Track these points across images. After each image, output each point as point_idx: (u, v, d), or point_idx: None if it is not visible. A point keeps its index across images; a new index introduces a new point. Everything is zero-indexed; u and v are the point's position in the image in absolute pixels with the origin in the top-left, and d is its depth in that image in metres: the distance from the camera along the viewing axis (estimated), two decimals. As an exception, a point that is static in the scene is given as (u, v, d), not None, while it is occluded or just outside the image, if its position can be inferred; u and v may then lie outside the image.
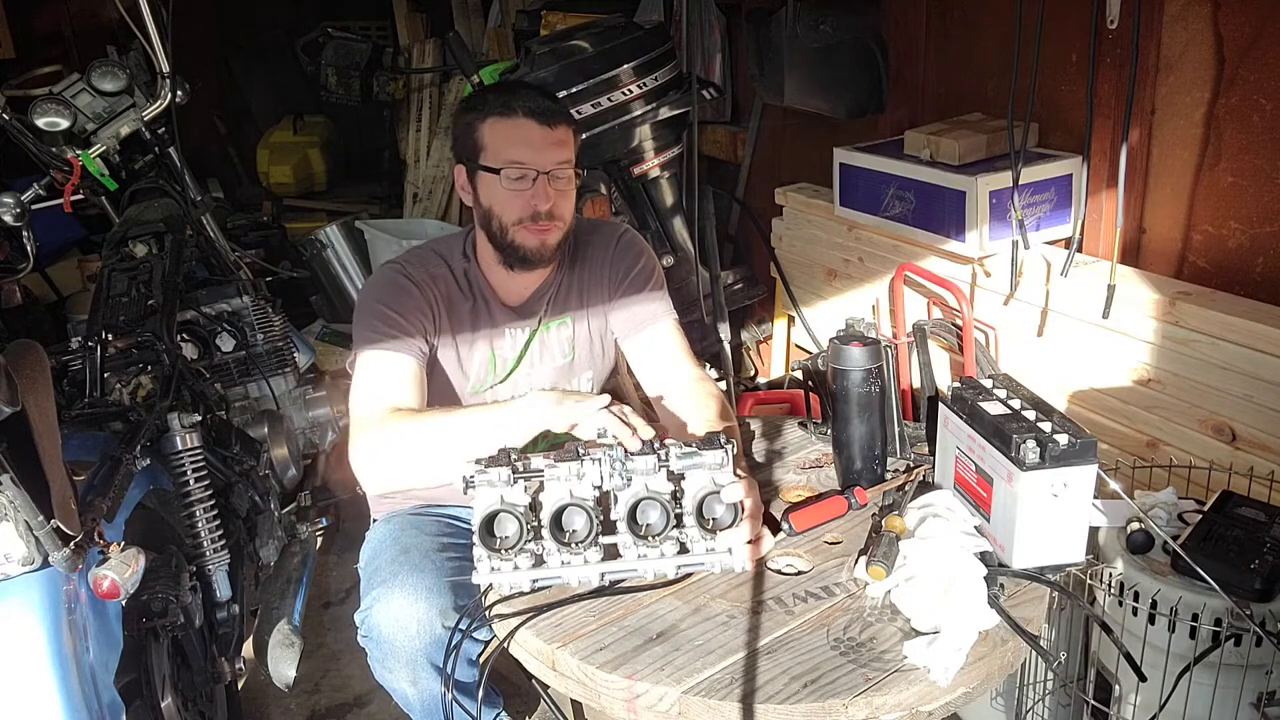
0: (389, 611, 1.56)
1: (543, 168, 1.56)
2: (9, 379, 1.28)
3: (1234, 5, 1.96)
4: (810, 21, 2.64)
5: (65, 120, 2.39)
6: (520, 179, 1.56)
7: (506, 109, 1.55)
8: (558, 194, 1.58)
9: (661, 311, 1.74)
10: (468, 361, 1.71)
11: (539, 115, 1.54)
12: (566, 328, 1.76)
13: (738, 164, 3.42)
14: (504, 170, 1.56)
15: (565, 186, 1.60)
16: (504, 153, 1.56)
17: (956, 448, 1.40)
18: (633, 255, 1.76)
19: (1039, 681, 1.82)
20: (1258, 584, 1.48)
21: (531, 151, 1.55)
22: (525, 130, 1.55)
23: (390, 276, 1.66)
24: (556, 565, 1.31)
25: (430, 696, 1.61)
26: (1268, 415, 1.83)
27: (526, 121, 1.54)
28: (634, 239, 1.79)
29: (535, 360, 1.75)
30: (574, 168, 1.61)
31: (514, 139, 1.55)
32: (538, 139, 1.55)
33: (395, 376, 1.59)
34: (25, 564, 1.40)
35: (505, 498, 1.27)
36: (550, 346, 1.76)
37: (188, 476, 1.90)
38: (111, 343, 2.11)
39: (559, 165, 1.57)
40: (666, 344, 1.74)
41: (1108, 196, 2.18)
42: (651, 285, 1.75)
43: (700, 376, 1.71)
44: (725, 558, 1.31)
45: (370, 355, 1.60)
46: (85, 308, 2.51)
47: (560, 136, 1.56)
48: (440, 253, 1.72)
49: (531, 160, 1.55)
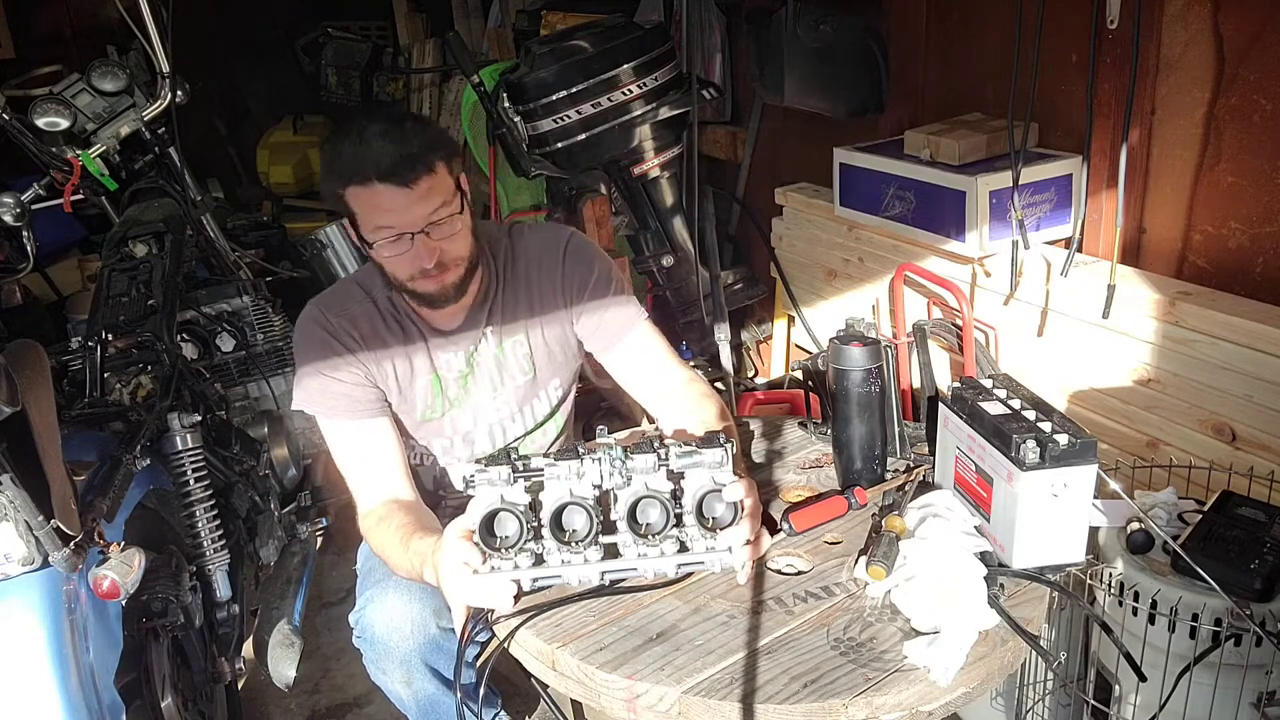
0: (383, 612, 1.56)
1: (413, 228, 1.47)
2: (9, 379, 1.28)
3: (1234, 5, 1.96)
4: (810, 21, 2.63)
5: (65, 120, 2.39)
6: (397, 242, 1.48)
7: (361, 177, 1.44)
8: (443, 242, 1.50)
9: (632, 316, 1.67)
10: (410, 392, 1.67)
11: (394, 176, 1.42)
12: (522, 345, 1.70)
13: (738, 164, 3.42)
14: (376, 242, 1.49)
15: (448, 231, 1.49)
16: (370, 221, 1.48)
17: (956, 448, 1.40)
18: (585, 262, 1.67)
19: (1039, 681, 1.82)
20: (1258, 584, 1.48)
21: (396, 215, 1.46)
22: (384, 196, 1.44)
23: (311, 332, 1.61)
24: (556, 564, 1.31)
25: (425, 697, 1.61)
26: (1268, 415, 1.83)
27: (383, 187, 1.43)
28: (583, 244, 1.70)
29: (496, 384, 1.71)
30: (456, 204, 1.50)
31: (376, 206, 1.46)
32: (400, 202, 1.44)
33: (365, 449, 1.60)
34: (25, 564, 1.40)
35: (505, 496, 1.28)
36: (509, 367, 1.71)
37: (188, 476, 1.90)
38: (111, 343, 2.11)
39: (432, 217, 1.47)
40: (647, 350, 1.68)
41: (1108, 196, 2.18)
42: (614, 290, 1.67)
43: (691, 378, 1.68)
44: (725, 556, 1.31)
45: (331, 426, 1.62)
46: (85, 308, 2.51)
47: (425, 188, 1.45)
48: (362, 284, 1.66)
49: (400, 224, 1.46)
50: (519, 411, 1.75)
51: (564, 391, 1.80)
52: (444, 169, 1.48)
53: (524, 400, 1.75)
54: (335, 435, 1.62)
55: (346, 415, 1.60)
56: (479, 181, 3.55)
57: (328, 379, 1.59)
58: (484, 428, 1.74)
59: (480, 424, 1.74)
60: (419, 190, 1.44)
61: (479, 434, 1.74)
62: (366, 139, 1.45)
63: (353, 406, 1.60)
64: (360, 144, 1.45)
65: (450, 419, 1.72)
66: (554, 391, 1.78)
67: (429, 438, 1.74)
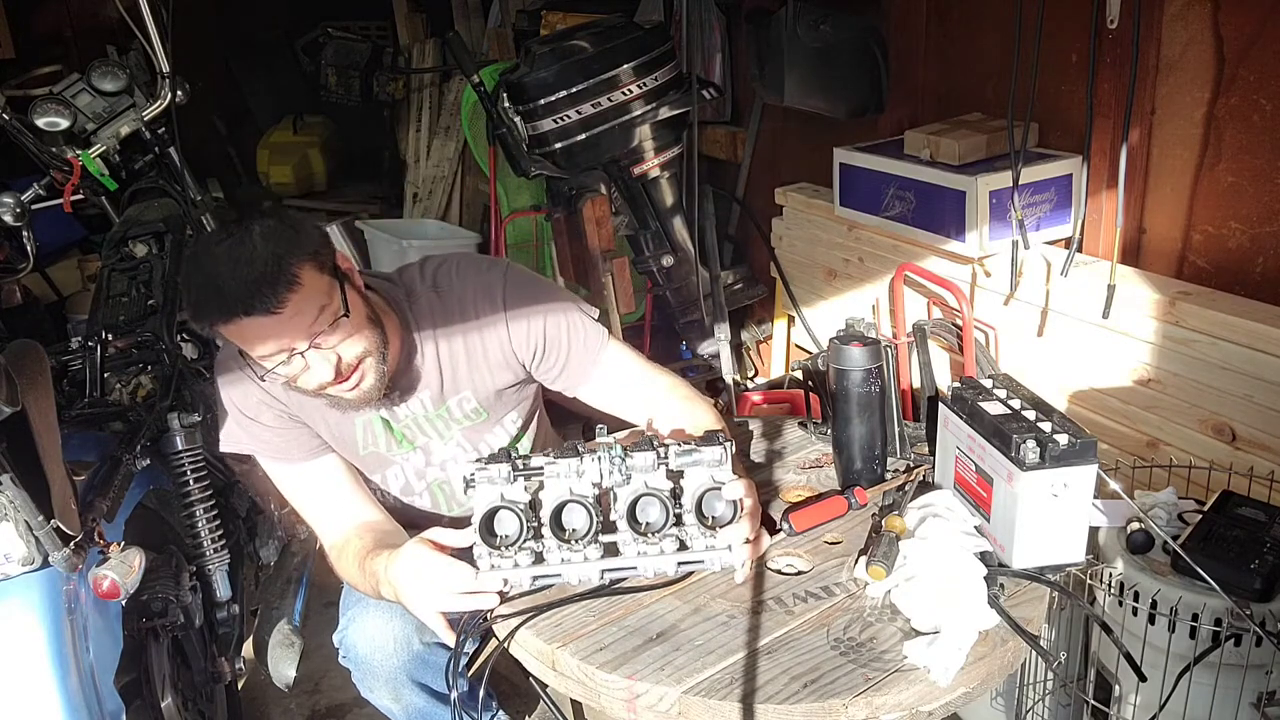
0: (364, 631, 1.55)
1: (299, 347, 1.36)
2: (9, 379, 1.28)
3: (1234, 5, 1.96)
4: (810, 21, 2.64)
5: (65, 120, 2.39)
6: (289, 363, 1.38)
7: (224, 316, 1.32)
8: (341, 348, 1.39)
9: (595, 345, 1.56)
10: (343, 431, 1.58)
11: (258, 307, 1.31)
12: (469, 401, 1.60)
13: (738, 164, 3.42)
14: (271, 369, 1.39)
15: (339, 336, 1.38)
16: (255, 352, 1.38)
17: (956, 448, 1.40)
18: (531, 311, 1.53)
19: (1039, 681, 1.82)
20: (1258, 584, 1.48)
21: (276, 341, 1.35)
22: (255, 328, 1.33)
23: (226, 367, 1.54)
24: (556, 562, 1.31)
25: (415, 711, 1.61)
26: (1268, 415, 1.83)
27: (250, 321, 1.32)
28: (521, 286, 1.55)
29: (442, 430, 1.62)
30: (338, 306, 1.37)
31: (253, 339, 1.35)
32: (273, 330, 1.33)
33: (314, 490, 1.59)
34: (25, 564, 1.40)
35: (505, 495, 1.28)
36: (457, 417, 1.62)
37: (188, 476, 1.90)
38: (111, 343, 2.11)
39: (313, 329, 1.35)
40: (620, 374, 1.59)
41: (1108, 196, 2.18)
42: (568, 329, 1.55)
43: (673, 384, 1.60)
44: (725, 555, 1.31)
45: (273, 469, 1.59)
46: (85, 308, 2.51)
47: (295, 304, 1.32)
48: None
49: (282, 347, 1.36)
50: (475, 448, 1.66)
51: (524, 420, 1.71)
52: (311, 272, 1.35)
53: (478, 439, 1.66)
54: (278, 477, 1.57)
55: (282, 459, 1.54)
56: (479, 181, 3.55)
57: (251, 421, 1.53)
58: (437, 465, 1.67)
59: (434, 463, 1.67)
60: (288, 310, 1.32)
61: (431, 471, 1.68)
62: (215, 272, 1.32)
63: (285, 449, 1.54)
64: (211, 280, 1.33)
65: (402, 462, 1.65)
66: (511, 425, 1.68)
67: (379, 470, 1.67)
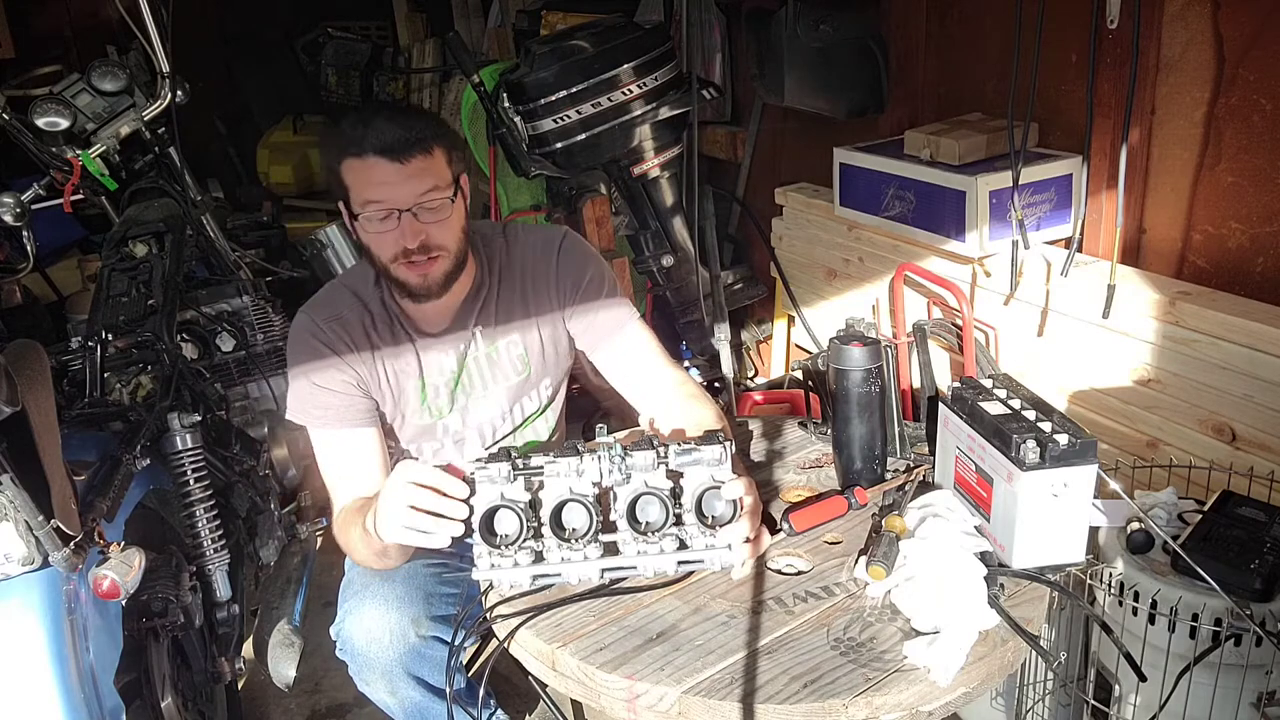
0: (361, 624, 1.55)
1: (402, 205, 1.46)
2: (9, 379, 1.28)
3: (1234, 5, 1.96)
4: (810, 21, 2.64)
5: (65, 120, 2.39)
6: (385, 219, 1.48)
7: (357, 148, 1.46)
8: (431, 226, 1.49)
9: (624, 316, 1.67)
10: (402, 397, 1.67)
11: (389, 151, 1.44)
12: (517, 345, 1.69)
13: (738, 164, 3.42)
14: (363, 214, 1.49)
15: (436, 216, 1.49)
16: (361, 194, 1.48)
17: (956, 448, 1.40)
18: (578, 263, 1.66)
19: (1039, 681, 1.82)
20: (1258, 584, 1.48)
21: (388, 189, 1.46)
22: (377, 169, 1.45)
23: (304, 341, 1.61)
24: (556, 561, 1.31)
25: (411, 705, 1.61)
26: (1268, 415, 1.83)
27: (377, 160, 1.44)
28: (576, 244, 1.69)
29: (488, 382, 1.70)
30: (449, 191, 1.50)
31: (368, 180, 1.46)
32: (392, 175, 1.45)
33: (350, 457, 1.61)
34: (25, 564, 1.40)
35: (505, 494, 1.28)
36: (501, 366, 1.70)
37: (188, 476, 1.90)
38: (111, 343, 2.11)
39: (422, 198, 1.47)
40: (638, 349, 1.67)
41: (1108, 196, 2.18)
42: (606, 291, 1.67)
43: (682, 379, 1.67)
44: (725, 553, 1.31)
45: (320, 435, 1.63)
46: (85, 308, 2.51)
47: (418, 167, 1.45)
48: (352, 287, 1.66)
49: (389, 199, 1.46)
50: (509, 411, 1.75)
51: (554, 390, 1.79)
52: (442, 156, 1.49)
53: (514, 399, 1.74)
54: (322, 443, 1.62)
55: (335, 424, 1.60)
56: (479, 181, 3.55)
57: (320, 389, 1.59)
58: (474, 428, 1.74)
59: (470, 425, 1.74)
60: (412, 168, 1.45)
61: (469, 434, 1.75)
62: (368, 117, 1.47)
63: (342, 416, 1.60)
64: (361, 121, 1.47)
65: (442, 423, 1.72)
66: (545, 390, 1.77)
67: (419, 440, 1.74)
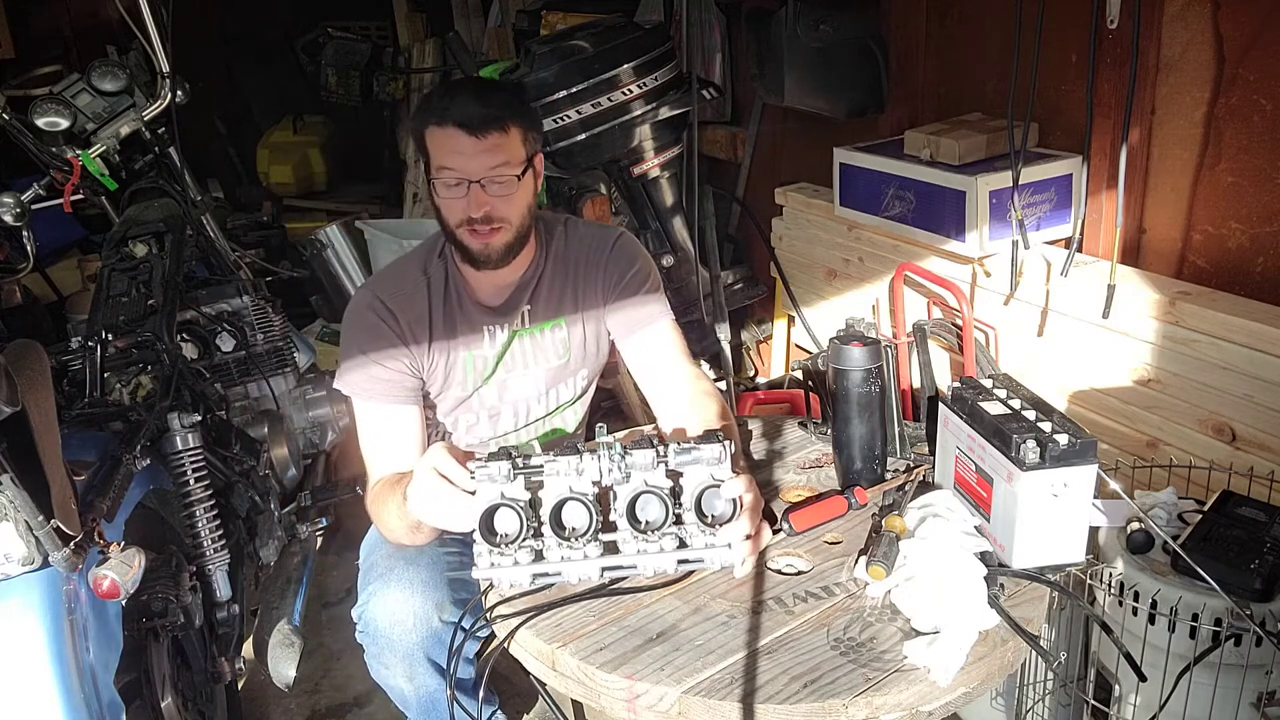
0: (385, 606, 1.56)
1: (473, 176, 1.56)
2: (9, 379, 1.28)
3: (1234, 5, 1.97)
4: (810, 21, 2.64)
5: (65, 120, 2.39)
6: (456, 186, 1.58)
7: (441, 117, 1.56)
8: (496, 199, 1.58)
9: (658, 313, 1.75)
10: (452, 371, 1.73)
11: (468, 124, 1.54)
12: (561, 330, 1.76)
13: (738, 164, 3.42)
14: (437, 178, 1.59)
15: (503, 191, 1.59)
16: (439, 160, 1.58)
17: (956, 448, 1.40)
18: (627, 258, 1.75)
19: (1039, 681, 1.82)
20: (1258, 584, 1.48)
21: (461, 159, 1.56)
22: (455, 139, 1.55)
23: (363, 316, 1.68)
24: (557, 560, 1.31)
25: (426, 694, 1.61)
26: (1268, 415, 1.83)
27: (456, 131, 1.55)
28: (629, 242, 1.79)
29: (529, 361, 1.76)
30: (519, 169, 1.59)
31: (446, 148, 1.57)
32: (467, 147, 1.55)
33: (391, 432, 1.67)
34: (25, 564, 1.40)
35: (506, 493, 1.28)
36: (545, 348, 1.76)
37: (188, 476, 1.90)
38: (111, 343, 2.11)
39: (492, 172, 1.56)
40: (662, 344, 1.74)
41: (1108, 196, 2.18)
42: (647, 287, 1.75)
43: (697, 375, 1.72)
44: (725, 552, 1.31)
45: (365, 408, 1.68)
46: (85, 308, 2.51)
47: (493, 143, 1.55)
48: (419, 260, 1.74)
49: (461, 168, 1.56)
50: (545, 393, 1.80)
51: (588, 383, 1.85)
52: (517, 135, 1.58)
53: (552, 382, 1.79)
54: (366, 416, 1.68)
55: (381, 399, 1.66)
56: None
57: (371, 363, 1.65)
58: (510, 404, 1.79)
59: (506, 401, 1.79)
60: (487, 143, 1.54)
61: (505, 410, 1.80)
62: (456, 90, 1.61)
63: (388, 391, 1.66)
64: (449, 92, 1.60)
65: (479, 395, 1.76)
66: (580, 380, 1.83)
67: (456, 412, 1.79)
